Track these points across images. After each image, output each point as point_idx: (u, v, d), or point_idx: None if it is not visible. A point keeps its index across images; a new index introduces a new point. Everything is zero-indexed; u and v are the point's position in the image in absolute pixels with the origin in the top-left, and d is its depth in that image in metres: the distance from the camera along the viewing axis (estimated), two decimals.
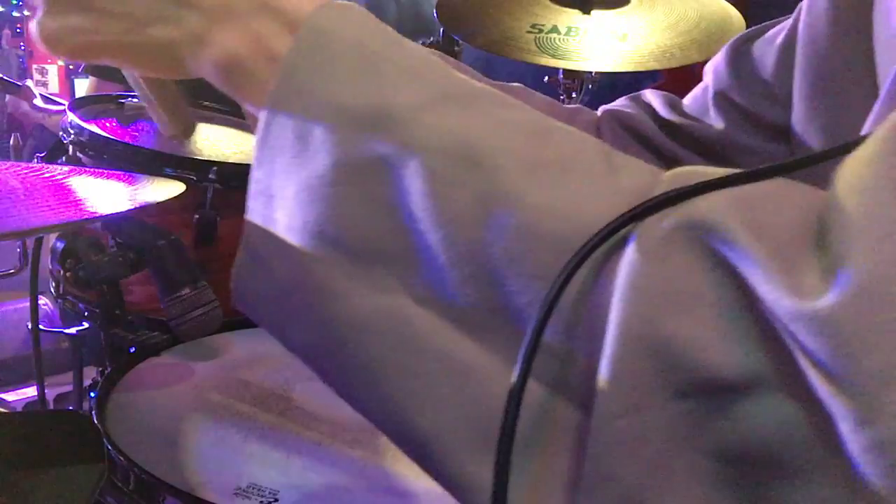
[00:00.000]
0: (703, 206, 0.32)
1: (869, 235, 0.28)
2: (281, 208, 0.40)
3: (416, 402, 0.37)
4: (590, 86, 1.45)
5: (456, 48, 1.59)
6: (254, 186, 0.41)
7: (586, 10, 1.29)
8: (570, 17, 1.30)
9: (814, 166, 0.34)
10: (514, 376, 0.33)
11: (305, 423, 0.77)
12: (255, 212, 0.41)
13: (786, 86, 0.76)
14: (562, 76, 1.45)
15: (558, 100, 1.38)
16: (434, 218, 0.36)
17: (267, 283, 0.41)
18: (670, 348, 0.31)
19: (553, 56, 1.27)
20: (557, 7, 1.30)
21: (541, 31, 1.28)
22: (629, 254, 0.33)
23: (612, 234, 0.33)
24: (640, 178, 0.37)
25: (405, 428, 0.38)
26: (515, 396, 0.33)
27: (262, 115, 0.40)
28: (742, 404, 0.31)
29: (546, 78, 1.48)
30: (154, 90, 0.50)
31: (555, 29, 1.29)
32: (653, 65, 1.23)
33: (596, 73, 1.44)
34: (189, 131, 0.53)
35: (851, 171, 0.30)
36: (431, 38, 1.56)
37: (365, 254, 0.38)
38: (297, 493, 0.66)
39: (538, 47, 1.27)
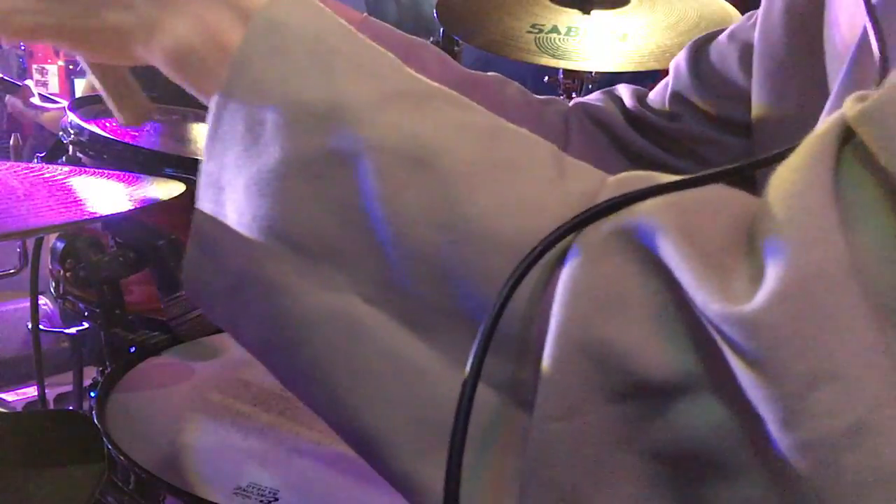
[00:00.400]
0: (641, 210, 0.33)
1: (795, 241, 0.29)
2: (231, 201, 0.39)
3: (364, 402, 0.37)
4: (590, 86, 1.45)
5: (456, 48, 1.59)
6: (204, 178, 0.41)
7: (586, 10, 1.29)
8: (570, 17, 1.30)
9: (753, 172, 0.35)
10: (464, 380, 0.33)
11: (305, 423, 0.77)
12: (205, 204, 0.41)
13: (745, 84, 0.78)
14: (562, 76, 1.45)
15: None
16: (384, 216, 0.36)
17: (217, 277, 0.40)
18: (605, 351, 0.31)
19: (553, 56, 1.27)
20: (557, 7, 1.30)
21: (541, 31, 1.28)
22: (570, 258, 0.33)
23: (559, 241, 0.34)
24: (588, 182, 0.37)
25: (354, 427, 0.38)
26: (466, 402, 0.33)
27: (213, 106, 0.40)
28: (676, 406, 0.31)
29: (546, 78, 1.48)
30: (101, 75, 0.49)
31: (555, 29, 1.28)
32: (653, 65, 1.23)
33: (596, 73, 1.44)
34: (141, 119, 0.51)
35: (782, 178, 0.31)
36: (431, 38, 1.56)
37: (315, 250, 0.38)
38: (297, 493, 0.66)
39: (538, 47, 1.27)
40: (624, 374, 0.31)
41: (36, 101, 1.91)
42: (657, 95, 0.90)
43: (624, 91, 0.92)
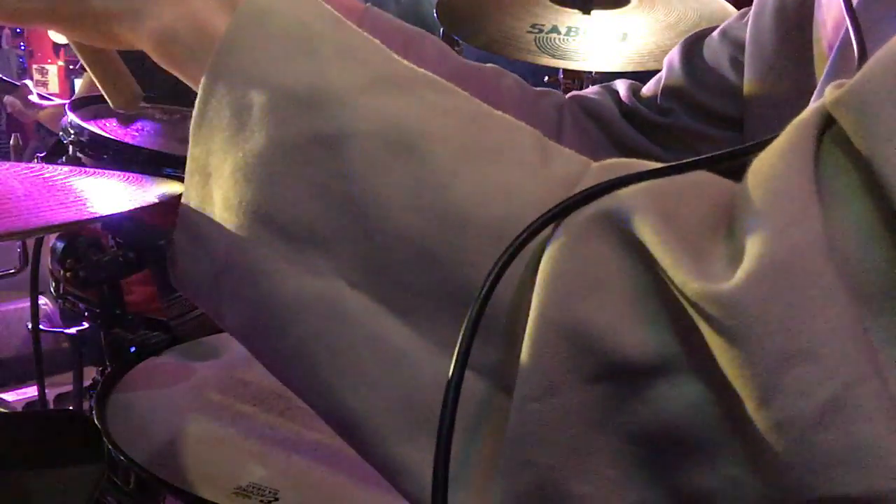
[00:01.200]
0: (622, 195, 0.33)
1: (774, 222, 0.29)
2: (218, 187, 0.39)
3: (348, 386, 0.37)
4: (589, 86, 1.46)
5: (456, 48, 1.59)
6: (191, 164, 0.41)
7: (586, 10, 1.29)
8: (570, 17, 1.30)
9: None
10: (451, 368, 0.33)
11: (305, 423, 0.77)
12: (192, 189, 0.41)
13: (737, 81, 0.79)
14: (562, 76, 1.45)
15: None
16: (369, 201, 0.36)
17: (202, 262, 0.41)
18: (584, 332, 0.32)
19: (553, 56, 1.27)
20: (557, 7, 1.30)
21: (541, 31, 1.28)
22: (552, 241, 0.33)
23: (544, 227, 0.34)
24: (571, 168, 0.38)
25: (339, 411, 0.38)
26: (454, 388, 0.33)
27: (199, 92, 0.40)
28: (654, 387, 0.31)
29: (546, 78, 1.49)
30: (90, 59, 0.49)
31: (555, 29, 1.29)
32: (653, 65, 1.23)
33: (596, 73, 1.44)
34: (133, 104, 0.51)
35: (763, 163, 0.31)
36: None
37: (299, 235, 0.38)
38: (297, 493, 0.66)
39: (538, 47, 1.27)
40: (602, 355, 0.31)
41: (34, 98, 1.92)
42: (650, 90, 0.91)
43: (620, 85, 0.93)
